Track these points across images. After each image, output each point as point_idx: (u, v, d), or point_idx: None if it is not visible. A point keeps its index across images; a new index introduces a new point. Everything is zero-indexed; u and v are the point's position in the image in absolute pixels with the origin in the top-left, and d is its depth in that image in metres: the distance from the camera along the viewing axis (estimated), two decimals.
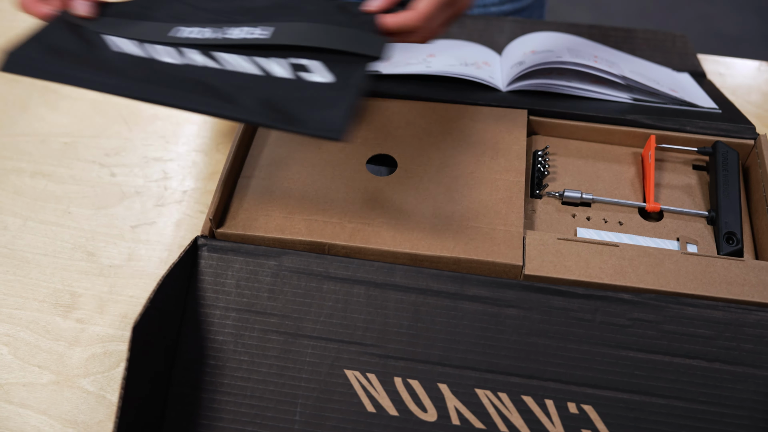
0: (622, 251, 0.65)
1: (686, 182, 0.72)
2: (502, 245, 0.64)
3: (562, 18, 2.40)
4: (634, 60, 0.85)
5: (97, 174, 0.84)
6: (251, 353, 0.62)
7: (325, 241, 0.65)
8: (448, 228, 0.65)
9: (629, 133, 0.74)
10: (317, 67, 0.59)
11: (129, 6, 0.66)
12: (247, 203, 0.67)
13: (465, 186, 0.68)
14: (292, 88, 0.57)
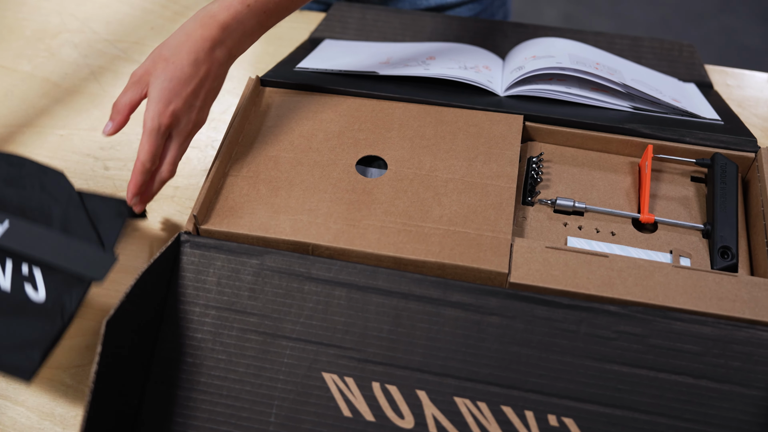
0: (612, 262, 0.63)
1: (683, 194, 0.71)
2: (488, 252, 0.63)
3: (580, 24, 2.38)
4: (638, 68, 0.84)
5: (91, 167, 0.84)
6: (229, 352, 0.62)
7: (309, 242, 0.64)
8: (434, 232, 0.64)
9: (627, 142, 0.72)
10: (38, 277, 0.63)
11: None
12: (232, 201, 0.67)
13: (454, 190, 0.67)
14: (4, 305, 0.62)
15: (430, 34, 0.93)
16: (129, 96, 0.64)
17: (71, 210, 0.68)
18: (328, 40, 0.93)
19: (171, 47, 0.64)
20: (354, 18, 0.96)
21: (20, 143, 0.87)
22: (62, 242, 0.64)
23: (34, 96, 0.92)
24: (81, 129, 0.88)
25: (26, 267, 0.64)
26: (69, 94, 0.92)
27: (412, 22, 0.95)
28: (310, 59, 0.85)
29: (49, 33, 1.00)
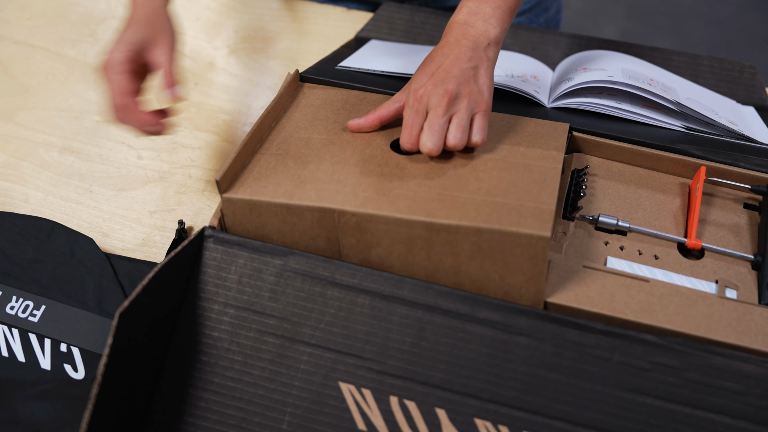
0: (652, 287, 0.60)
1: (734, 221, 0.67)
2: (529, 218, 0.57)
3: (637, 41, 2.32)
4: (694, 87, 0.81)
5: (125, 155, 0.84)
6: (245, 354, 0.61)
7: (335, 208, 0.60)
8: (470, 201, 0.60)
9: (678, 161, 0.69)
10: (77, 356, 0.68)
11: None
12: (258, 173, 0.64)
13: (495, 167, 0.63)
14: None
15: None
16: (394, 104, 0.68)
17: (104, 282, 0.71)
18: (374, 40, 0.91)
19: (425, 60, 0.67)
20: (402, 19, 0.94)
21: (56, 127, 0.87)
22: (97, 323, 0.68)
23: (74, 81, 0.92)
24: None
25: (65, 346, 0.67)
26: None
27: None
28: (353, 58, 0.84)
29: (95, 18, 1.01)
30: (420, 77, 0.65)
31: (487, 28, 0.67)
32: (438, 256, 0.60)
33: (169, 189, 0.80)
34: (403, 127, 0.64)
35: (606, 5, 2.41)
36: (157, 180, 0.81)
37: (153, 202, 0.79)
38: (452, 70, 0.64)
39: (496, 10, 0.67)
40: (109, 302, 0.70)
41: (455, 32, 0.67)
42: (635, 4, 2.42)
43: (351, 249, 0.62)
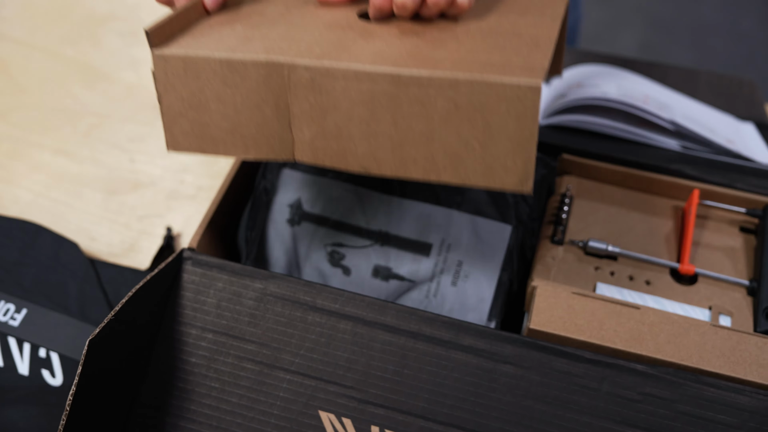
0: (643, 315, 0.59)
1: (730, 245, 0.66)
2: (516, 70, 0.47)
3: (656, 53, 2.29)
4: (692, 104, 0.79)
5: (117, 159, 0.83)
6: (223, 380, 0.59)
7: (285, 61, 0.51)
8: (447, 58, 0.50)
9: (672, 183, 0.68)
10: (56, 362, 0.67)
11: None
12: (200, 32, 0.56)
13: (479, 33, 0.54)
14: None
15: None
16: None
17: (87, 288, 0.70)
18: None
19: None
20: None
21: (50, 128, 0.86)
22: (79, 329, 0.67)
23: (72, 82, 0.92)
24: (112, 119, 0.87)
25: (44, 351, 0.66)
26: (106, 82, 0.92)
27: None
28: None
29: (97, 19, 1.00)
30: None
31: None
32: (406, 120, 0.50)
33: (160, 194, 0.79)
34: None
35: (625, 16, 2.39)
36: (148, 184, 0.80)
37: (143, 207, 0.78)
38: None
39: None
40: (91, 308, 0.69)
41: None
42: (655, 16, 2.39)
43: (303, 118, 0.52)
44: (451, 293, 0.65)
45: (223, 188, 0.67)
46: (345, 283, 0.67)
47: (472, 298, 0.65)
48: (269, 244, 0.69)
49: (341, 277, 0.67)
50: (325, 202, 0.69)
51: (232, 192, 0.69)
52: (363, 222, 0.68)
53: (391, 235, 0.68)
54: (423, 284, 0.66)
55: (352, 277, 0.67)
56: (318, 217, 0.69)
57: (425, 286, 0.66)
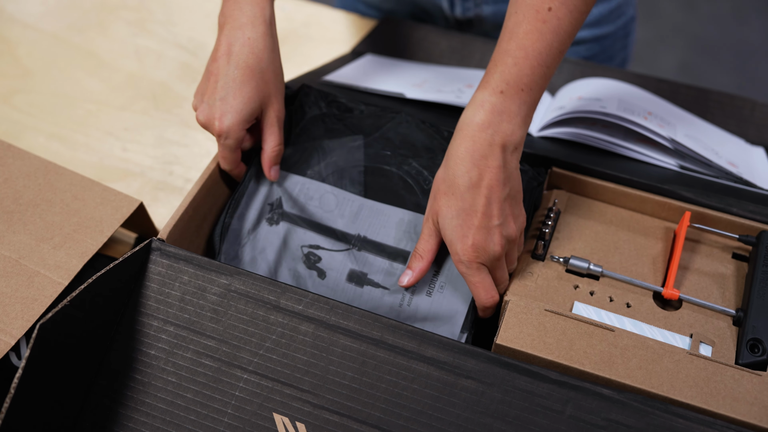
0: (616, 338, 0.58)
1: (720, 271, 0.64)
2: None
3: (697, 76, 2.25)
4: (699, 124, 0.78)
5: (110, 146, 0.84)
6: (180, 375, 0.59)
7: None
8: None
9: (664, 204, 0.66)
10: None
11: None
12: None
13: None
14: None
15: (478, 60, 0.89)
16: (430, 248, 0.63)
17: None
18: (369, 55, 0.90)
19: (446, 179, 0.60)
20: (400, 35, 0.93)
21: (48, 112, 0.88)
22: None
23: (74, 68, 0.94)
24: (110, 106, 0.89)
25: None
26: (109, 70, 0.93)
27: (461, 46, 0.91)
28: (341, 72, 0.83)
29: (107, 7, 1.02)
30: (458, 224, 0.59)
31: (513, 130, 0.58)
32: None
33: (148, 184, 0.80)
34: (477, 288, 0.60)
35: (667, 36, 2.35)
36: (137, 174, 0.81)
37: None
38: (492, 213, 0.58)
39: (522, 107, 0.59)
40: None
41: (478, 142, 0.58)
42: (699, 37, 2.35)
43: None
44: (425, 303, 0.65)
45: (201, 180, 0.68)
46: (319, 287, 0.67)
47: (447, 310, 0.64)
48: (244, 241, 0.69)
49: (316, 280, 0.67)
50: (305, 202, 0.69)
51: (213, 186, 0.69)
52: (341, 225, 0.68)
53: (368, 240, 0.67)
54: (397, 293, 0.65)
55: (327, 281, 0.67)
56: (297, 217, 0.69)
57: (399, 295, 0.65)
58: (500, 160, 0.58)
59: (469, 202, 0.58)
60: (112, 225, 0.66)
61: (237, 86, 0.65)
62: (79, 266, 0.63)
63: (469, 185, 0.58)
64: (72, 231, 0.65)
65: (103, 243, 0.65)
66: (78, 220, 0.65)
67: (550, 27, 0.58)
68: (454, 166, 0.59)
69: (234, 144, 0.67)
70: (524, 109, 0.59)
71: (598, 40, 0.98)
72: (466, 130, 0.59)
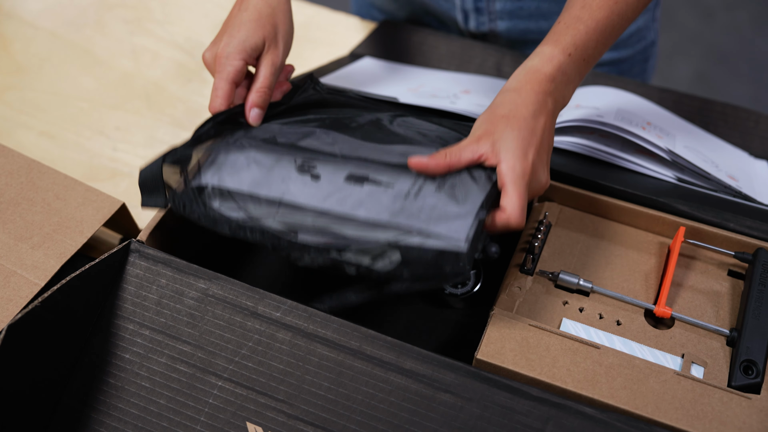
0: (602, 356, 0.56)
1: (715, 289, 0.62)
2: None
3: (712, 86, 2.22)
4: (699, 134, 0.76)
5: (101, 146, 0.84)
6: (154, 380, 0.58)
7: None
8: None
9: (658, 218, 0.65)
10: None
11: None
12: None
13: None
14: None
15: (477, 65, 0.88)
16: (469, 155, 0.60)
17: None
18: (367, 58, 0.89)
19: (505, 105, 0.60)
20: (400, 38, 0.92)
21: (40, 109, 0.88)
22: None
23: (69, 65, 0.93)
24: (103, 105, 0.88)
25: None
26: (104, 68, 0.93)
27: (460, 51, 0.90)
28: (336, 75, 0.82)
29: (106, 5, 1.02)
30: (519, 144, 0.58)
31: (566, 95, 0.62)
32: None
33: (136, 185, 0.79)
34: (518, 203, 0.57)
35: (683, 45, 2.32)
36: (125, 174, 0.81)
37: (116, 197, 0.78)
38: (544, 150, 0.59)
39: (577, 77, 0.62)
40: None
41: (541, 89, 0.60)
42: (715, 46, 2.32)
43: None
44: (433, 199, 0.59)
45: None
46: (310, 190, 0.61)
47: (453, 210, 0.59)
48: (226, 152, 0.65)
49: (308, 183, 0.62)
50: (297, 139, 0.66)
51: None
52: (338, 150, 0.64)
53: (370, 158, 0.63)
54: (403, 185, 0.60)
55: (321, 183, 0.62)
56: (290, 145, 0.65)
57: (405, 187, 0.60)
58: (553, 113, 0.61)
59: (532, 127, 0.59)
60: (92, 226, 0.65)
61: (244, 23, 0.66)
62: (57, 267, 0.62)
63: (533, 115, 0.59)
64: (52, 231, 0.64)
65: (83, 244, 0.64)
66: (58, 220, 0.65)
67: (618, 9, 0.62)
68: (517, 98, 0.60)
69: (230, 73, 0.65)
70: (577, 81, 0.63)
71: (615, 64, 0.96)
72: (532, 75, 0.60)
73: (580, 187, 0.67)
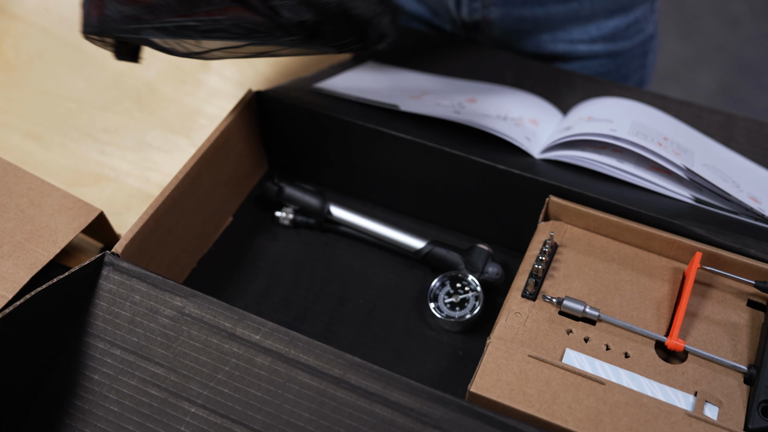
0: (607, 393, 0.52)
1: (732, 321, 0.57)
2: None
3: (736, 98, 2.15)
4: (720, 151, 0.71)
5: (87, 148, 0.80)
6: (123, 404, 0.55)
7: None
8: None
9: (673, 242, 0.60)
10: None
11: None
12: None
13: None
14: None
15: (489, 72, 0.83)
16: None
17: None
18: (371, 62, 0.85)
19: None
20: (407, 42, 0.88)
21: (27, 109, 0.84)
22: None
23: (59, 64, 0.89)
24: (91, 106, 0.85)
25: None
26: (95, 67, 0.89)
27: (470, 56, 0.86)
28: (336, 79, 0.78)
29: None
30: None
31: None
32: None
33: (122, 191, 0.76)
34: None
35: (708, 55, 2.26)
36: (111, 179, 0.77)
37: (100, 203, 0.74)
38: None
39: None
40: None
41: None
42: (741, 57, 2.25)
43: None
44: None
45: (168, 190, 0.63)
46: None
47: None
48: None
49: None
50: None
51: (180, 197, 0.65)
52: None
53: None
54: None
55: None
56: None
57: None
58: None
59: None
60: (67, 235, 0.61)
61: None
62: (26, 279, 0.58)
63: None
64: (24, 239, 0.60)
65: (56, 254, 0.60)
66: (31, 227, 0.61)
67: None
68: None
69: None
70: None
71: (613, 56, 0.93)
72: None
73: (589, 206, 0.62)
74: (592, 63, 0.92)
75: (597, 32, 0.90)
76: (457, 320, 0.65)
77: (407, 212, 0.75)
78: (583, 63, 0.93)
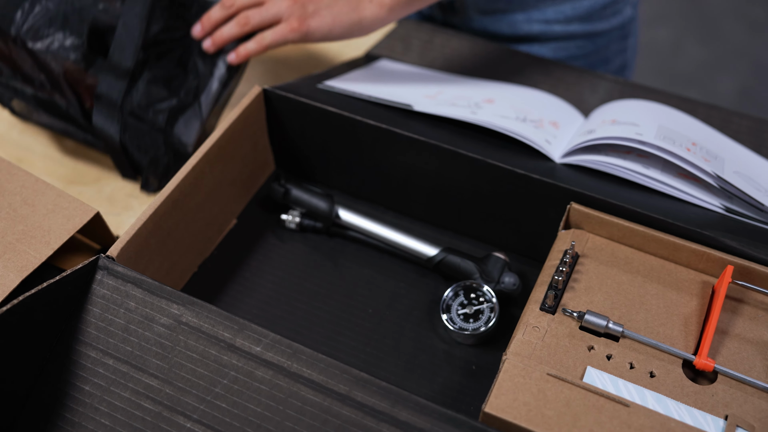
0: (631, 416, 0.48)
1: (765, 339, 0.54)
2: None
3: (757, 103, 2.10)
4: (751, 158, 0.68)
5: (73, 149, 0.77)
6: (114, 417, 0.52)
7: None
8: None
9: (702, 254, 0.57)
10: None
11: None
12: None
13: None
14: None
15: (505, 71, 0.80)
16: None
17: None
18: (384, 60, 0.82)
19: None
20: (419, 39, 0.84)
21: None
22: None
23: None
24: None
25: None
26: None
27: (484, 54, 0.82)
28: (348, 77, 0.75)
29: None
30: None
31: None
32: None
33: (122, 190, 0.73)
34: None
35: (728, 59, 2.21)
36: (111, 178, 0.74)
37: (99, 202, 0.71)
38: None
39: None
40: None
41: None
42: (762, 61, 2.20)
43: None
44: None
45: (167, 191, 0.60)
46: None
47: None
48: None
49: None
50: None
51: (180, 198, 0.62)
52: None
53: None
54: None
55: None
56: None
57: None
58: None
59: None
60: (61, 236, 0.58)
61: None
62: (17, 282, 0.55)
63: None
64: (15, 240, 0.57)
65: (48, 256, 0.57)
66: (24, 228, 0.58)
67: None
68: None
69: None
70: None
71: (591, 38, 0.91)
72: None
73: (612, 214, 0.59)
74: (569, 44, 0.90)
75: (572, 11, 0.88)
76: (471, 333, 0.61)
77: (419, 217, 0.71)
78: (560, 44, 0.90)
